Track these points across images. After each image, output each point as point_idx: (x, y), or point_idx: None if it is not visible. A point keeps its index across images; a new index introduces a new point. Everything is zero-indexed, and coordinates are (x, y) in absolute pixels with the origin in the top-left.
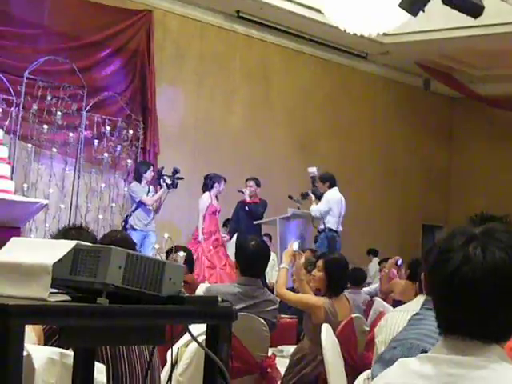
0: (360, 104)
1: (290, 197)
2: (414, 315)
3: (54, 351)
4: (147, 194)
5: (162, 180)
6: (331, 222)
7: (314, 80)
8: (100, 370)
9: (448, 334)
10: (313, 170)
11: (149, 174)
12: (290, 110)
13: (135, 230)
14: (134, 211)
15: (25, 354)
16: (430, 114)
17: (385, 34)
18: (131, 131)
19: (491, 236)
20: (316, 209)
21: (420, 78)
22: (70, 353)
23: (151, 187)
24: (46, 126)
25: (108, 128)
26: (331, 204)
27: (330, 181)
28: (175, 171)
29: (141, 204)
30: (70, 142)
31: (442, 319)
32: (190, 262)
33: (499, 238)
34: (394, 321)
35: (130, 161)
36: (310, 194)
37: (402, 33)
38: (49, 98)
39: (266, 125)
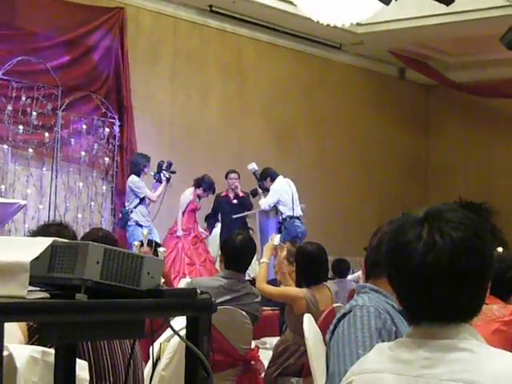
0: (336, 94)
1: (254, 194)
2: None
3: (35, 349)
4: None
5: (162, 174)
6: (286, 210)
7: (289, 72)
8: (82, 367)
9: (419, 320)
10: (252, 166)
11: (147, 168)
12: (265, 102)
13: (141, 226)
14: (135, 207)
15: (6, 353)
16: (405, 103)
17: (358, 24)
18: (107, 129)
19: (441, 218)
20: (265, 202)
21: (395, 67)
22: (52, 351)
23: None
24: (21, 127)
25: (84, 127)
26: (279, 194)
27: (269, 175)
28: (170, 165)
29: (143, 199)
30: (46, 142)
31: (410, 308)
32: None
33: (450, 218)
34: None
35: (107, 159)
36: (259, 190)
37: (375, 22)
38: (23, 98)
39: (242, 118)
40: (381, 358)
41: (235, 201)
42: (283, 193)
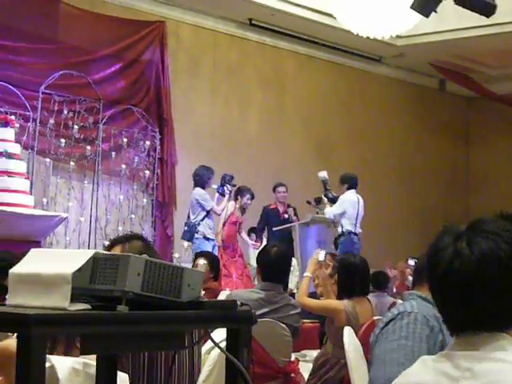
0: (376, 107)
1: (309, 202)
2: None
3: (77, 361)
4: None
5: (225, 188)
6: (348, 225)
7: (329, 85)
8: (123, 379)
9: (459, 330)
10: (323, 174)
11: (211, 181)
12: (305, 115)
13: (208, 239)
14: (202, 220)
15: (48, 364)
16: (446, 115)
17: (398, 37)
18: (148, 142)
19: (477, 228)
20: (330, 211)
21: (435, 79)
22: (93, 363)
23: None
24: (63, 140)
25: (125, 140)
26: (346, 206)
27: (348, 183)
28: (232, 178)
29: (208, 212)
30: (87, 155)
31: (449, 318)
32: (215, 268)
33: (485, 228)
34: None
35: (147, 172)
36: (324, 198)
37: (415, 34)
38: (65, 111)
39: (281, 131)
40: (425, 370)
41: (286, 215)
42: (350, 206)
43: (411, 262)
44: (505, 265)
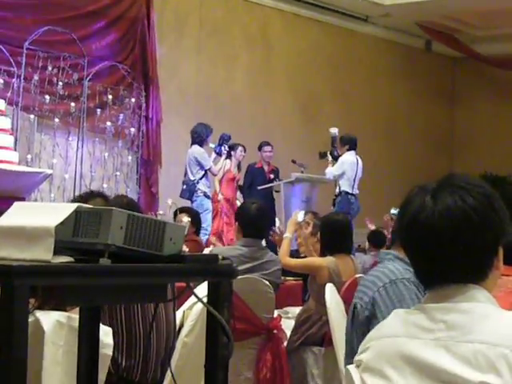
0: (361, 67)
1: (294, 161)
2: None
3: (61, 315)
4: None
5: (223, 147)
6: (345, 185)
7: (315, 44)
8: (106, 333)
9: (431, 283)
10: (334, 130)
11: (209, 139)
12: (291, 74)
13: (208, 197)
14: (201, 178)
15: (33, 318)
16: (432, 75)
17: None
18: (133, 99)
19: (445, 183)
20: (330, 171)
21: (421, 40)
22: (76, 316)
23: None
24: (47, 97)
25: (110, 97)
26: (345, 167)
27: (349, 144)
28: (229, 138)
29: (206, 171)
30: (72, 112)
31: (420, 271)
32: (197, 223)
33: (452, 183)
34: None
35: (133, 129)
36: (328, 155)
37: None
38: (49, 68)
39: (267, 90)
40: (398, 323)
41: (272, 175)
42: (349, 168)
43: (394, 211)
44: (470, 218)
